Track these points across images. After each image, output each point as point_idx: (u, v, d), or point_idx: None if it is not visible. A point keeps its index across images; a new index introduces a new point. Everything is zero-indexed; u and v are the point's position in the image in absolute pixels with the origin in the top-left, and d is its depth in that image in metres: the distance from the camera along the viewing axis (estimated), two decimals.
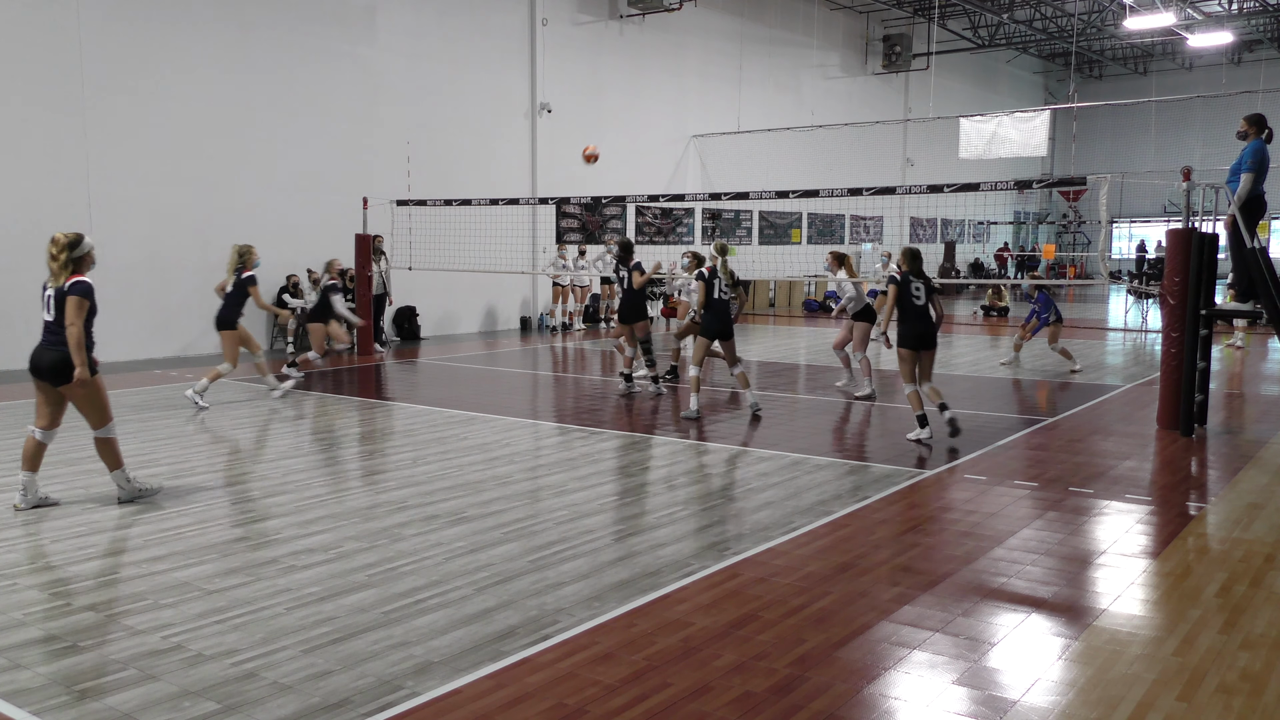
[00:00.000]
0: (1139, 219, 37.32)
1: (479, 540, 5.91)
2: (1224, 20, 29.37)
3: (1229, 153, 9.54)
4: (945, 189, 11.17)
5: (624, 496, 7.04)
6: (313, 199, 16.22)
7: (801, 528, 6.17)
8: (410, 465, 7.89)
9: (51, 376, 6.34)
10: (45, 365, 6.33)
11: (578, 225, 21.17)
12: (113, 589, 5.07)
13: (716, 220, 24.68)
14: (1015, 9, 29.34)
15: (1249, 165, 8.90)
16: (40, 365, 6.36)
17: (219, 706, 3.79)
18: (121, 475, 6.66)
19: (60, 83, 13.30)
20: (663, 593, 5.02)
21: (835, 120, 26.81)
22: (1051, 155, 32.43)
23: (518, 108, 19.77)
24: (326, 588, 5.09)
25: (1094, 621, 4.69)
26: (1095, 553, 5.75)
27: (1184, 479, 7.76)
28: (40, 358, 6.36)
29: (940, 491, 7.14)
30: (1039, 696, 3.92)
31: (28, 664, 4.18)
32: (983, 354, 16.06)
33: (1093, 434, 9.25)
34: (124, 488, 6.67)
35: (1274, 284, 8.92)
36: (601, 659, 4.24)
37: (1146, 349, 16.74)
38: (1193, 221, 9.34)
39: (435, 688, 3.96)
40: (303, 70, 15.98)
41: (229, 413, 10.34)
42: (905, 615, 4.74)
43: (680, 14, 22.70)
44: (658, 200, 21.22)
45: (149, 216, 14.30)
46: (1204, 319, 9.05)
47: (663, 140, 23.32)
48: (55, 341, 6.33)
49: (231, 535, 6.00)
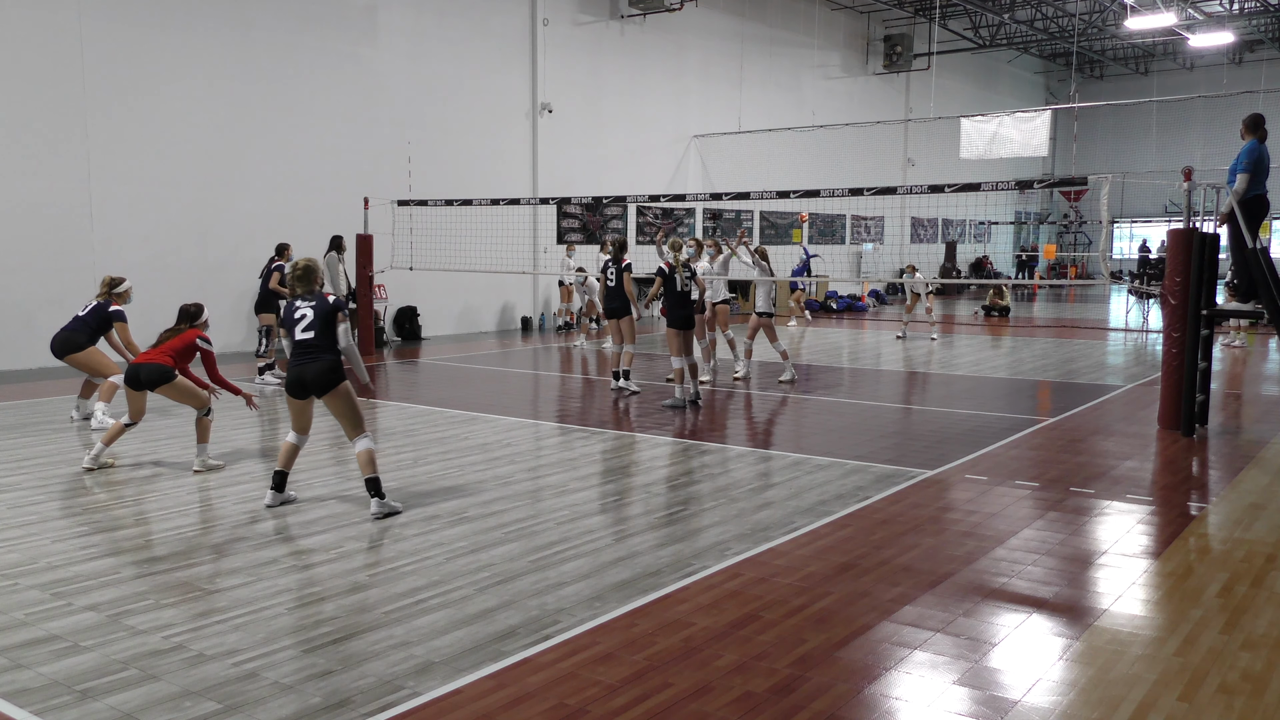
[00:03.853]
0: (1140, 219, 37.31)
1: (480, 540, 5.91)
2: (1225, 20, 29.36)
3: (1230, 153, 9.55)
4: (946, 189, 11.16)
5: (625, 496, 7.04)
6: (313, 199, 16.22)
7: (802, 528, 6.17)
8: (411, 465, 7.89)
9: (318, 388, 6.43)
10: (310, 378, 6.41)
11: (579, 225, 21.17)
12: (114, 589, 5.07)
13: (717, 220, 24.68)
14: (1016, 9, 29.33)
15: (1244, 166, 8.92)
16: (305, 379, 6.42)
17: (220, 706, 3.79)
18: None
19: (61, 83, 13.30)
20: (664, 593, 5.02)
21: (836, 120, 26.81)
22: (1052, 155, 32.44)
23: (518, 108, 19.77)
24: (327, 588, 5.09)
25: (1095, 622, 4.69)
26: (1096, 553, 5.74)
27: (1185, 479, 7.75)
28: (305, 372, 6.42)
29: (941, 492, 7.14)
30: (1040, 697, 3.92)
31: (29, 664, 4.18)
32: (983, 354, 16.06)
33: (1094, 434, 9.25)
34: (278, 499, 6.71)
35: (1275, 284, 8.92)
36: (602, 659, 4.24)
37: (1147, 349, 16.73)
38: (1194, 222, 9.33)
39: (436, 688, 3.96)
40: (303, 70, 15.99)
41: (229, 413, 10.33)
42: (906, 615, 4.74)
43: (681, 14, 22.70)
44: (659, 200, 21.22)
45: (149, 217, 14.30)
46: (1205, 319, 9.05)
47: (664, 140, 23.32)
48: (317, 355, 6.46)
49: (232, 535, 6.00)
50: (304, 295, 6.59)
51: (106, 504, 6.75)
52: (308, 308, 6.52)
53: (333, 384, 6.41)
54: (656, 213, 23.24)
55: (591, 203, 19.18)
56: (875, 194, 11.66)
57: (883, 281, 29.39)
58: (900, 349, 16.71)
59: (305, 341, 6.46)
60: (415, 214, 16.37)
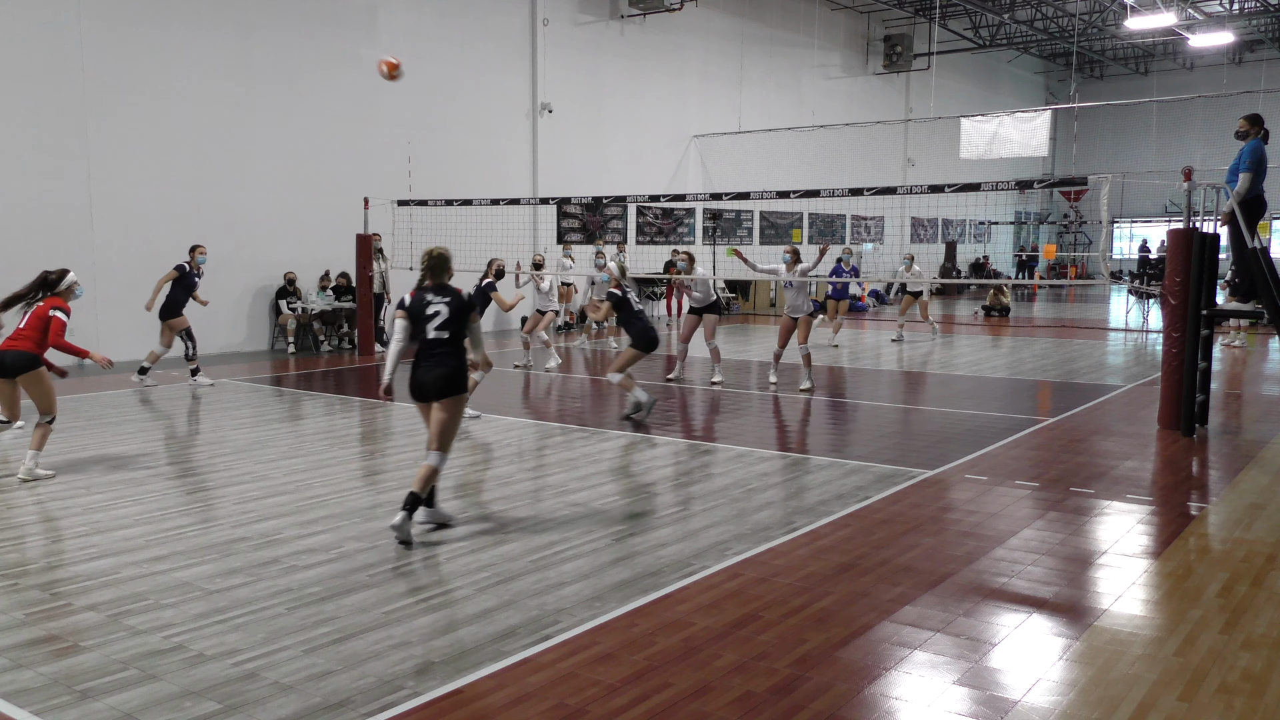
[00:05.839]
0: (1140, 219, 37.30)
1: (480, 540, 5.91)
2: (1225, 20, 29.35)
3: (1230, 153, 9.53)
4: (946, 189, 11.16)
5: (625, 496, 7.04)
6: (313, 199, 16.23)
7: (802, 528, 6.17)
8: (411, 465, 7.89)
9: (436, 394, 5.96)
10: (431, 382, 5.95)
11: (579, 225, 21.17)
12: (114, 589, 5.07)
13: (717, 220, 24.68)
14: (1016, 9, 29.32)
15: (1247, 165, 8.90)
16: (426, 384, 5.96)
17: (220, 706, 3.79)
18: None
19: (61, 83, 13.30)
20: (664, 593, 5.02)
21: (836, 120, 26.81)
22: (1052, 155, 32.42)
23: (519, 108, 19.77)
24: (327, 588, 5.09)
25: (1095, 622, 4.69)
26: (1096, 553, 5.74)
27: (1185, 479, 7.75)
28: (427, 376, 5.95)
29: (941, 491, 7.14)
30: (1040, 697, 3.92)
31: (29, 664, 4.18)
32: (984, 354, 16.06)
33: (1094, 434, 9.25)
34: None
35: (1275, 284, 8.92)
36: (602, 659, 4.24)
37: (1147, 349, 16.73)
38: (1194, 221, 9.33)
39: (436, 688, 3.96)
40: (303, 70, 15.99)
41: (230, 413, 10.34)
42: (906, 615, 4.74)
43: (681, 14, 22.70)
44: (659, 200, 21.22)
45: (149, 216, 14.30)
46: (1205, 319, 9.05)
47: (663, 140, 23.32)
48: (443, 359, 5.98)
49: (233, 535, 6.00)
50: (435, 288, 6.08)
51: (107, 504, 6.75)
52: (441, 303, 6.00)
53: (451, 393, 5.92)
54: (656, 213, 23.24)
55: (591, 203, 19.18)
56: (875, 194, 11.65)
57: (882, 281, 29.40)
58: (898, 350, 16.70)
59: (437, 341, 5.97)
60: (415, 214, 16.37)
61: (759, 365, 14.15)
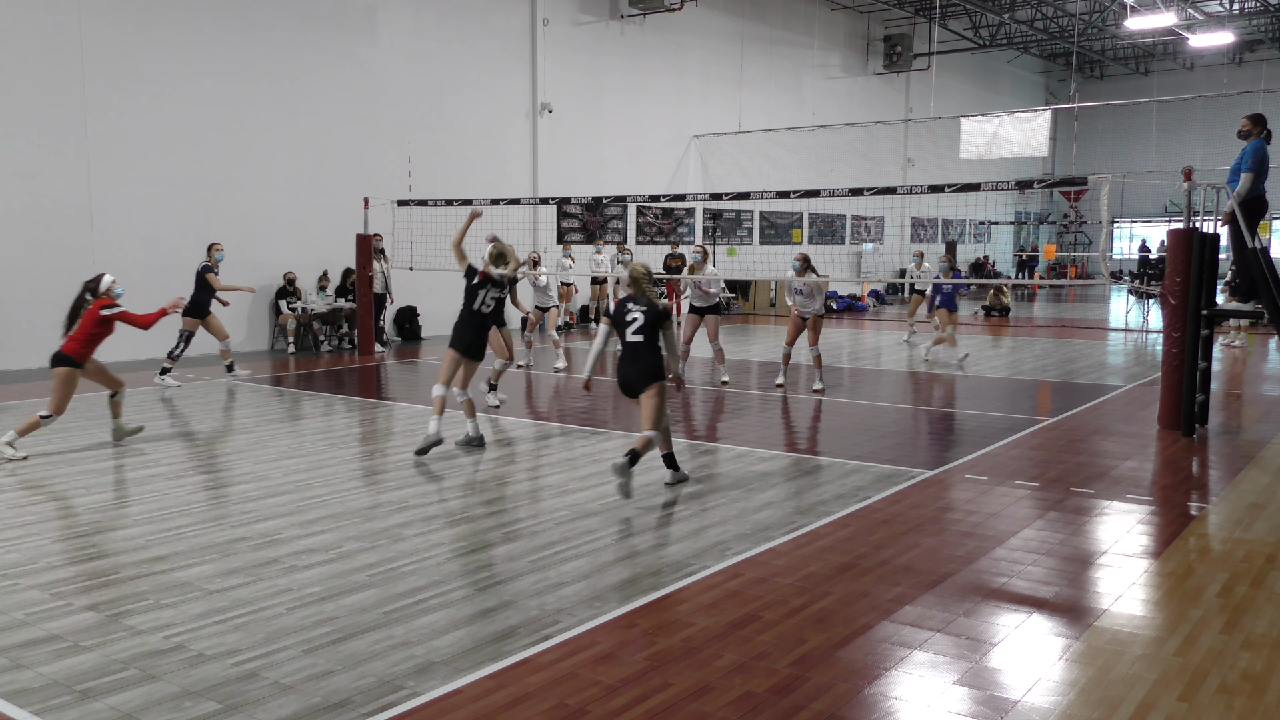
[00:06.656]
0: (1140, 219, 37.30)
1: (480, 540, 5.92)
2: (1225, 20, 29.35)
3: (1230, 153, 9.54)
4: (946, 189, 11.15)
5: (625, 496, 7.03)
6: (313, 199, 16.22)
7: (802, 528, 6.17)
8: (411, 465, 7.89)
9: (638, 388, 6.97)
10: (634, 379, 6.99)
11: (579, 225, 21.17)
12: (114, 589, 5.07)
13: (717, 220, 24.68)
14: (1016, 9, 29.32)
15: (1249, 164, 8.89)
16: (629, 381, 7.01)
17: (220, 706, 3.79)
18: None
19: (61, 83, 13.30)
20: (664, 593, 5.02)
21: (836, 120, 26.80)
22: (1052, 155, 32.44)
23: (519, 108, 19.76)
24: (327, 588, 5.09)
25: (1095, 622, 4.69)
26: (1096, 553, 5.74)
27: (1185, 479, 7.75)
28: (629, 374, 7.00)
29: (941, 491, 7.14)
30: (1040, 697, 3.92)
31: (29, 664, 4.18)
32: (983, 354, 16.05)
33: (1094, 434, 9.25)
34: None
35: (1275, 284, 8.92)
36: (602, 659, 4.24)
37: (1147, 349, 16.73)
38: (1194, 221, 9.33)
39: (436, 688, 3.96)
40: (303, 70, 15.98)
41: (230, 413, 10.34)
42: (906, 615, 4.74)
43: (681, 14, 22.70)
44: (659, 200, 21.21)
45: (149, 216, 14.30)
46: (1205, 319, 9.05)
47: (663, 140, 23.31)
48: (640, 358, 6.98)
49: (233, 535, 6.00)
50: (635, 298, 7.04)
51: (107, 504, 6.75)
52: (639, 312, 6.98)
53: (649, 384, 6.93)
54: (656, 213, 23.24)
55: (591, 203, 19.17)
56: (875, 194, 11.65)
57: (882, 281, 29.40)
58: (900, 350, 16.70)
59: (634, 344, 6.97)
60: (415, 214, 16.37)
61: (759, 365, 14.15)
